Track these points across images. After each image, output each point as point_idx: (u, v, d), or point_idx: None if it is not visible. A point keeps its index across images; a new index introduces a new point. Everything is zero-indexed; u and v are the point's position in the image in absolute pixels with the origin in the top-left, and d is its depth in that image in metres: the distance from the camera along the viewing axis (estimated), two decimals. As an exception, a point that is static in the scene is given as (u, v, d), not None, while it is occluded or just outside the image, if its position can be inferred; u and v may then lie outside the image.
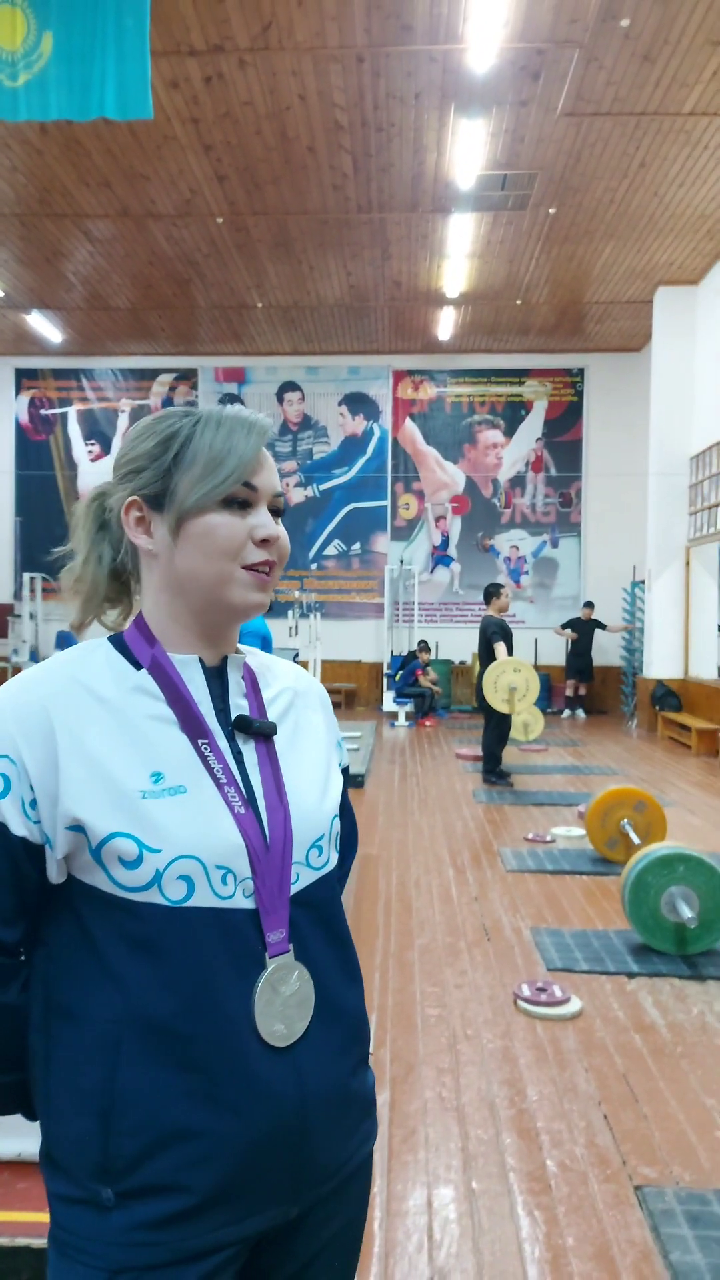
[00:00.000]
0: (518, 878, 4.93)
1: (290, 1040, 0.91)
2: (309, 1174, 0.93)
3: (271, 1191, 0.90)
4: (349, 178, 8.55)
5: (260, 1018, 0.89)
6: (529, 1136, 2.50)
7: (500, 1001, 3.35)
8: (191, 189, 8.74)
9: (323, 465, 14.11)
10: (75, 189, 8.74)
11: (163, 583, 0.98)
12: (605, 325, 12.65)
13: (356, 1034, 1.01)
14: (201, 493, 0.93)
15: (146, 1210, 0.86)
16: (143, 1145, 0.86)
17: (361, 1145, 1.01)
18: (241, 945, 0.90)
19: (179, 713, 0.94)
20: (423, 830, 6.00)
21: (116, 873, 0.87)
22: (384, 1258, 2.02)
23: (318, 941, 0.97)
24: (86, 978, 0.89)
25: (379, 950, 3.85)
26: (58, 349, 13.79)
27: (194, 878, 0.88)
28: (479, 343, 13.46)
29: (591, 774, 8.20)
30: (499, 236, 9.78)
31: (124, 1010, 0.87)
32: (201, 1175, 0.86)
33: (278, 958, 0.91)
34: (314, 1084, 0.92)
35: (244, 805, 0.93)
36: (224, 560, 0.94)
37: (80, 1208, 0.88)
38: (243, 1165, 0.88)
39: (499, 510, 13.95)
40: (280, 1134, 0.89)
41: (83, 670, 0.94)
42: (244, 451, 0.94)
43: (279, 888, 0.93)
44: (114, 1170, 0.86)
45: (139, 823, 0.87)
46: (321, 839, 0.99)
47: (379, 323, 12.61)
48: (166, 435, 0.96)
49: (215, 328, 12.84)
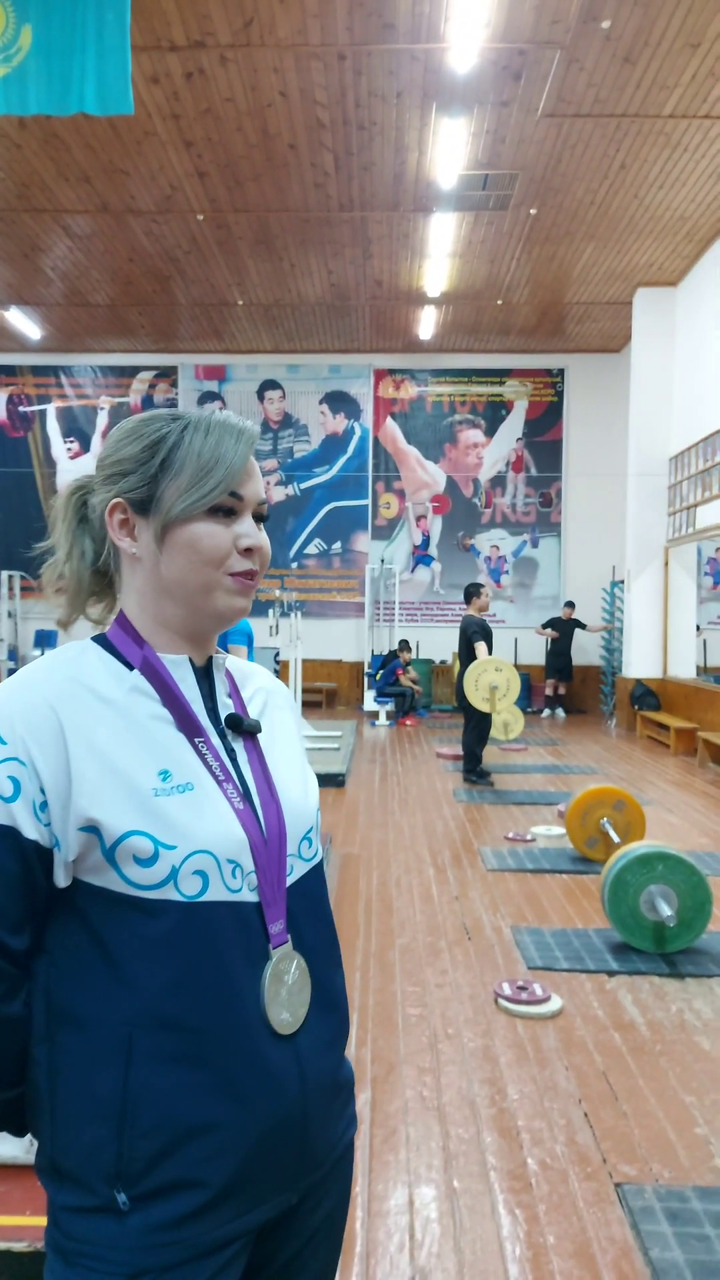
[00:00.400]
0: (498, 877, 4.94)
1: (294, 1028, 0.93)
2: (308, 1160, 0.95)
3: (278, 1179, 0.92)
4: (330, 176, 8.53)
5: (270, 1007, 0.91)
6: (510, 1135, 2.50)
7: (481, 1000, 3.35)
8: (172, 185, 8.70)
9: (303, 464, 14.09)
10: (54, 184, 8.67)
11: (146, 586, 0.98)
12: (585, 326, 12.70)
13: (345, 1021, 1.03)
14: (189, 502, 0.93)
15: (163, 1210, 0.86)
16: (159, 1145, 0.86)
17: (346, 1130, 1.03)
18: (249, 937, 0.92)
19: (175, 712, 0.95)
20: (403, 829, 6.01)
21: (130, 871, 0.87)
22: (365, 1257, 2.01)
23: (312, 931, 0.99)
24: (93, 982, 0.88)
25: (360, 950, 3.85)
26: (36, 345, 13.69)
27: (208, 872, 0.89)
28: (460, 342, 13.48)
29: (571, 773, 8.23)
30: (480, 236, 9.80)
31: (135, 1011, 0.87)
32: (217, 1168, 0.87)
33: (280, 948, 0.94)
34: (313, 1071, 0.94)
35: (242, 801, 0.95)
36: (209, 569, 0.94)
37: (94, 1216, 0.87)
38: (254, 1155, 0.89)
39: (479, 510, 13.98)
40: (286, 1122, 0.91)
41: (81, 671, 0.94)
42: (232, 460, 0.94)
43: (278, 879, 0.95)
44: (130, 1173, 0.86)
45: (154, 820, 0.88)
46: (310, 831, 1.02)
47: (360, 321, 12.61)
48: (154, 440, 0.95)
49: (196, 325, 12.79)
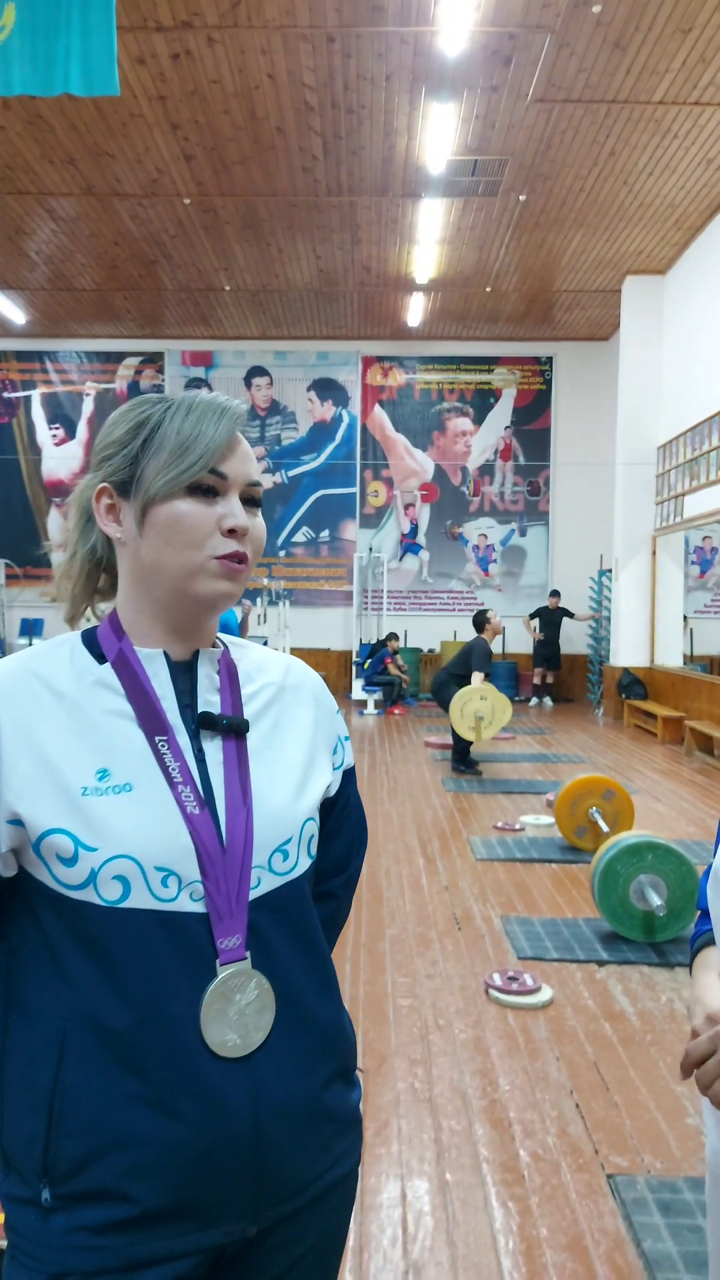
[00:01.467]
0: (487, 866, 4.94)
1: (246, 1050, 0.88)
2: (270, 1190, 0.90)
3: (225, 1206, 0.87)
4: (318, 160, 8.45)
5: (209, 1027, 0.86)
6: (501, 1127, 2.50)
7: (472, 991, 3.35)
8: (158, 168, 8.60)
9: (291, 451, 14.02)
10: (38, 165, 8.56)
11: (131, 573, 0.95)
12: (574, 314, 12.67)
13: (330, 1045, 0.97)
14: (166, 479, 0.90)
15: (87, 1214, 0.84)
16: (85, 1149, 0.83)
17: (338, 1164, 0.97)
18: (189, 950, 0.87)
19: (138, 708, 0.91)
20: (392, 819, 6.00)
21: (56, 870, 0.85)
22: (359, 1251, 2.00)
23: (284, 949, 0.93)
24: (40, 974, 0.87)
25: (350, 941, 3.84)
26: (21, 330, 13.54)
27: (130, 878, 0.85)
28: (448, 329, 13.42)
29: (559, 762, 8.24)
30: (469, 223, 9.74)
31: (72, 1009, 0.85)
32: (144, 1185, 0.84)
33: (232, 965, 0.88)
34: (272, 1096, 0.89)
35: (199, 805, 0.89)
36: (190, 550, 0.90)
37: (26, 1208, 0.86)
38: (190, 1177, 0.85)
39: (468, 498, 13.96)
40: (231, 1146, 0.86)
41: (41, 663, 0.92)
42: (213, 437, 0.91)
43: (235, 892, 0.89)
44: (56, 1172, 0.84)
45: (77, 820, 0.85)
46: (289, 842, 0.95)
47: (348, 308, 12.53)
48: (137, 421, 0.93)
49: (182, 310, 12.68)
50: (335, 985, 1.00)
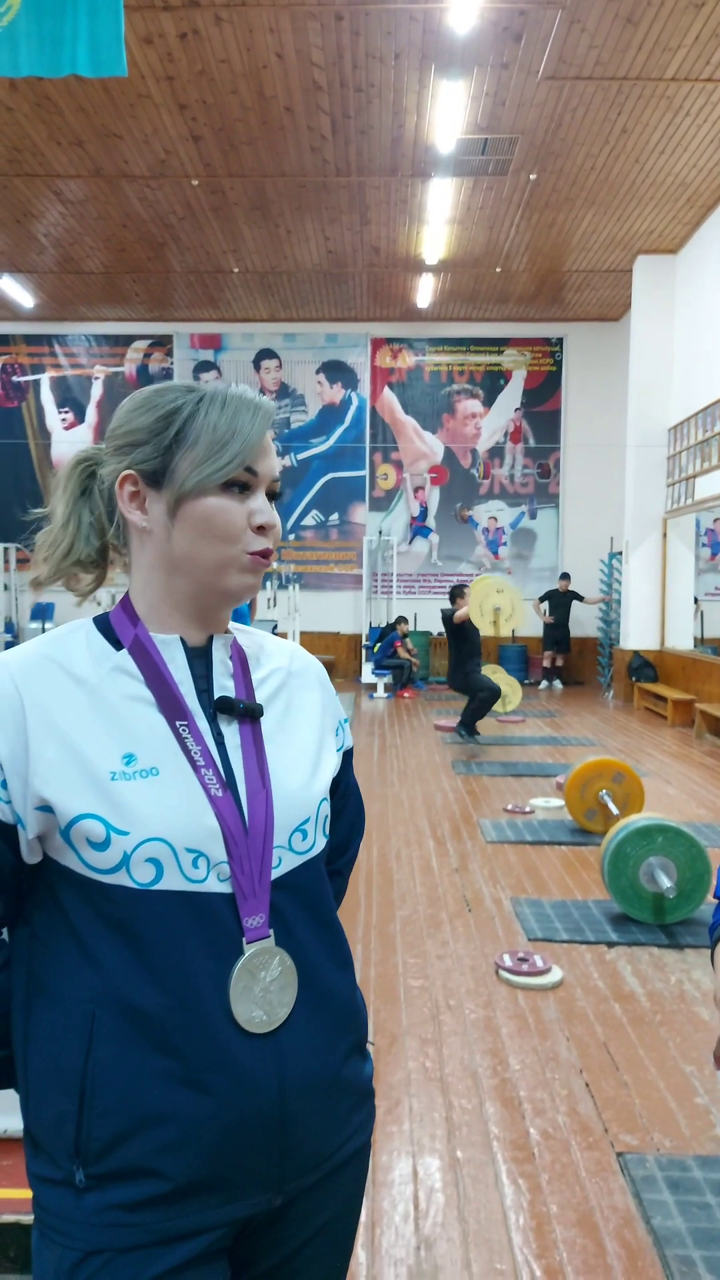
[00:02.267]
0: (497, 849, 4.96)
1: (271, 1026, 0.90)
2: (293, 1162, 0.92)
3: (252, 1178, 0.90)
4: (327, 139, 8.39)
5: (236, 1003, 0.88)
6: (512, 1105, 2.52)
7: (482, 972, 3.38)
8: (166, 149, 8.55)
9: (300, 434, 13.99)
10: (46, 147, 8.52)
11: (156, 561, 0.96)
12: (584, 294, 12.57)
13: (348, 1021, 0.99)
14: (204, 475, 0.91)
15: (120, 1192, 0.85)
16: (117, 1128, 0.85)
17: (354, 1135, 0.99)
18: (217, 930, 0.89)
19: (157, 693, 0.93)
20: (402, 802, 6.02)
21: (86, 854, 0.87)
22: (371, 1227, 2.03)
23: (303, 927, 0.96)
24: (65, 958, 0.89)
25: (361, 923, 3.87)
26: (30, 314, 13.52)
27: (162, 861, 0.86)
28: (458, 310, 13.34)
29: (569, 745, 8.25)
30: (479, 202, 9.66)
31: (100, 991, 0.87)
32: (176, 1160, 0.86)
33: (257, 943, 0.90)
34: (297, 1070, 0.91)
35: (221, 788, 0.91)
36: (224, 545, 0.92)
37: (57, 1188, 0.88)
38: (219, 1151, 0.87)
39: (478, 481, 13.91)
40: (259, 1120, 0.88)
41: (59, 650, 0.93)
42: (249, 435, 0.92)
43: (258, 872, 0.92)
44: (89, 1152, 0.86)
45: (108, 804, 0.86)
46: (306, 822, 0.98)
47: (357, 289, 12.46)
48: (169, 410, 0.93)
49: (191, 293, 12.64)
50: (350, 961, 1.03)
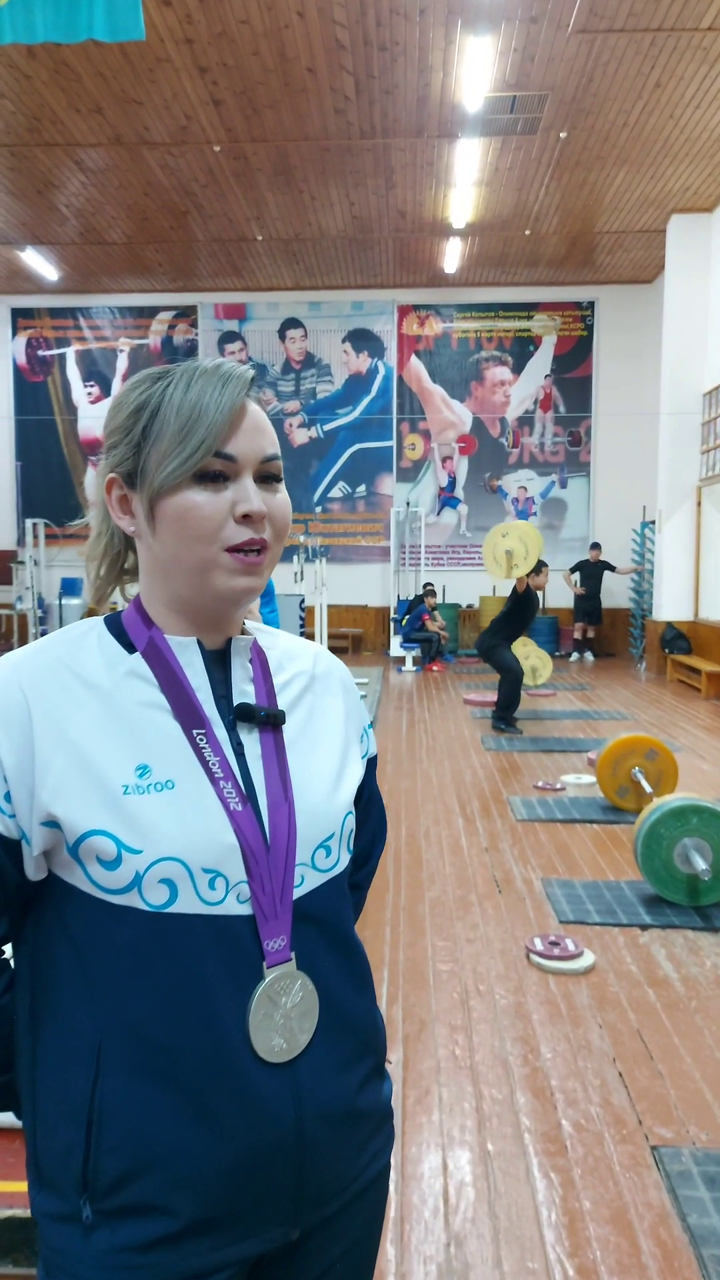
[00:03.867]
0: (528, 827, 4.90)
1: (291, 1055, 0.85)
2: (310, 1194, 0.87)
3: (269, 1213, 0.85)
4: (351, 101, 8.19)
5: (256, 1032, 0.82)
6: (543, 1096, 2.47)
7: (512, 956, 3.33)
8: (187, 114, 8.39)
9: (326, 405, 13.84)
10: (66, 115, 8.40)
11: (150, 567, 0.90)
12: (617, 256, 12.26)
13: (367, 1046, 0.94)
14: (170, 469, 0.83)
15: (130, 1232, 0.81)
16: (126, 1163, 0.80)
17: (372, 1162, 0.94)
18: (236, 954, 0.83)
19: (173, 700, 0.86)
20: (431, 779, 5.97)
21: (95, 873, 0.81)
22: (400, 1223, 2.00)
23: (324, 949, 0.90)
24: (70, 982, 0.83)
25: (389, 904, 3.83)
26: (54, 287, 13.44)
27: (177, 882, 0.80)
28: (486, 275, 13.08)
29: (601, 719, 8.15)
30: (507, 163, 9.41)
31: (108, 1019, 0.81)
32: (188, 1198, 0.80)
33: (277, 967, 0.84)
34: (314, 1100, 0.86)
35: (241, 802, 0.85)
36: (201, 544, 0.84)
37: (65, 1225, 0.83)
38: (234, 1188, 0.82)
39: (507, 450, 13.71)
40: (275, 1154, 0.83)
41: (71, 653, 0.87)
42: (215, 415, 0.83)
43: (280, 892, 0.85)
44: (97, 1187, 0.81)
45: (119, 820, 0.80)
46: (331, 838, 0.91)
47: (383, 255, 12.24)
48: (136, 406, 0.87)
49: (214, 262, 12.49)
50: (371, 982, 0.97)
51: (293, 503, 12.56)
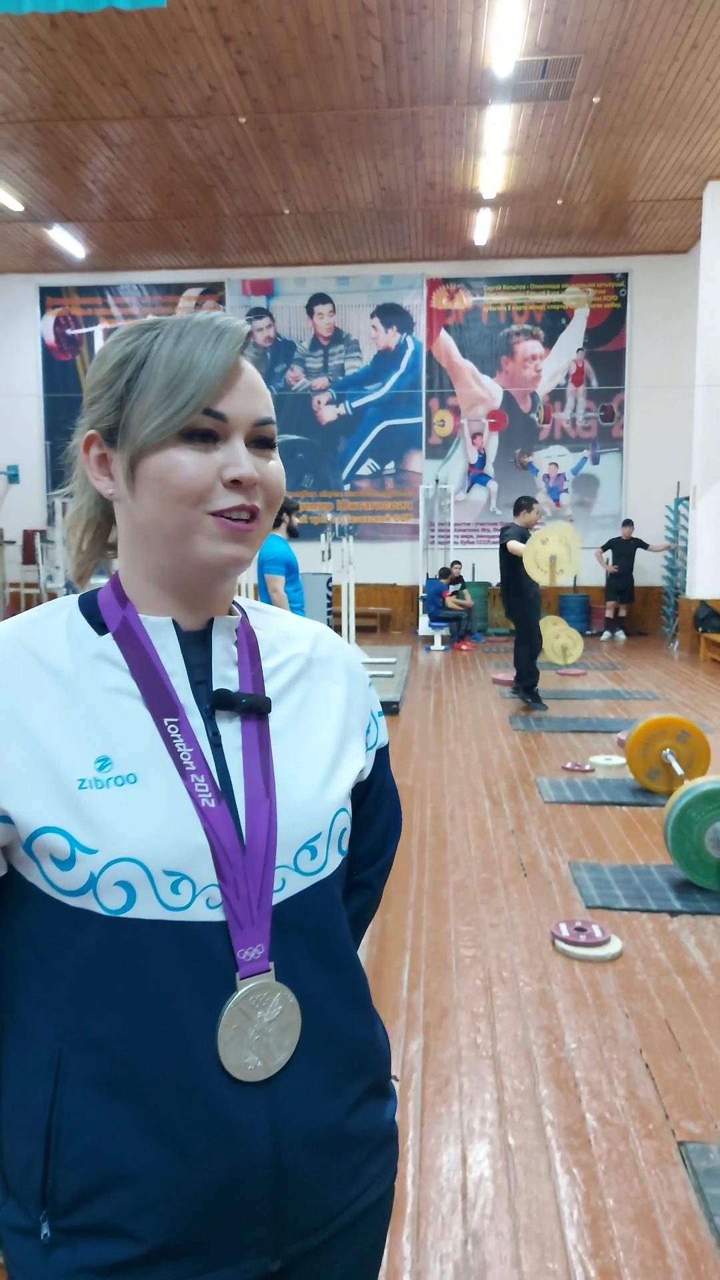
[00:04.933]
0: (556, 809, 4.82)
1: (268, 1074, 0.78)
2: (291, 1224, 0.80)
3: (243, 1243, 0.78)
4: (378, 68, 8.01)
5: (227, 1048, 0.75)
6: (567, 1088, 2.41)
7: (537, 942, 3.26)
8: (211, 85, 8.25)
9: (355, 381, 13.69)
10: (90, 88, 8.30)
11: (130, 533, 0.83)
12: (651, 225, 11.96)
13: (359, 1064, 0.86)
14: (155, 425, 0.76)
15: (90, 1253, 0.75)
16: (85, 1182, 0.74)
17: (367, 1189, 0.87)
18: (206, 964, 0.76)
19: (144, 685, 0.79)
20: (458, 759, 5.90)
21: (51, 873, 0.75)
22: (416, 1219, 1.95)
23: (308, 960, 0.82)
24: (33, 987, 0.77)
25: (412, 887, 3.77)
26: (81, 265, 13.39)
27: (135, 884, 0.74)
28: (517, 247, 12.83)
29: (632, 699, 8.02)
30: (539, 130, 9.18)
31: (68, 1028, 0.75)
32: (149, 1222, 0.74)
33: (253, 978, 0.77)
34: (294, 1123, 0.79)
35: (215, 798, 0.78)
36: (185, 507, 0.77)
37: (25, 1239, 0.78)
38: (202, 1214, 0.75)
39: (538, 426, 13.49)
40: (248, 1180, 0.76)
41: (34, 635, 0.80)
42: (207, 370, 0.76)
43: (257, 897, 0.78)
44: (56, 1204, 0.75)
45: (74, 817, 0.74)
46: (317, 839, 0.83)
47: (412, 227, 12.04)
48: (122, 357, 0.80)
49: (241, 237, 12.35)
50: (367, 996, 0.90)
51: (321, 481, 12.47)
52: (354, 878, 1.00)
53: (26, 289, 13.96)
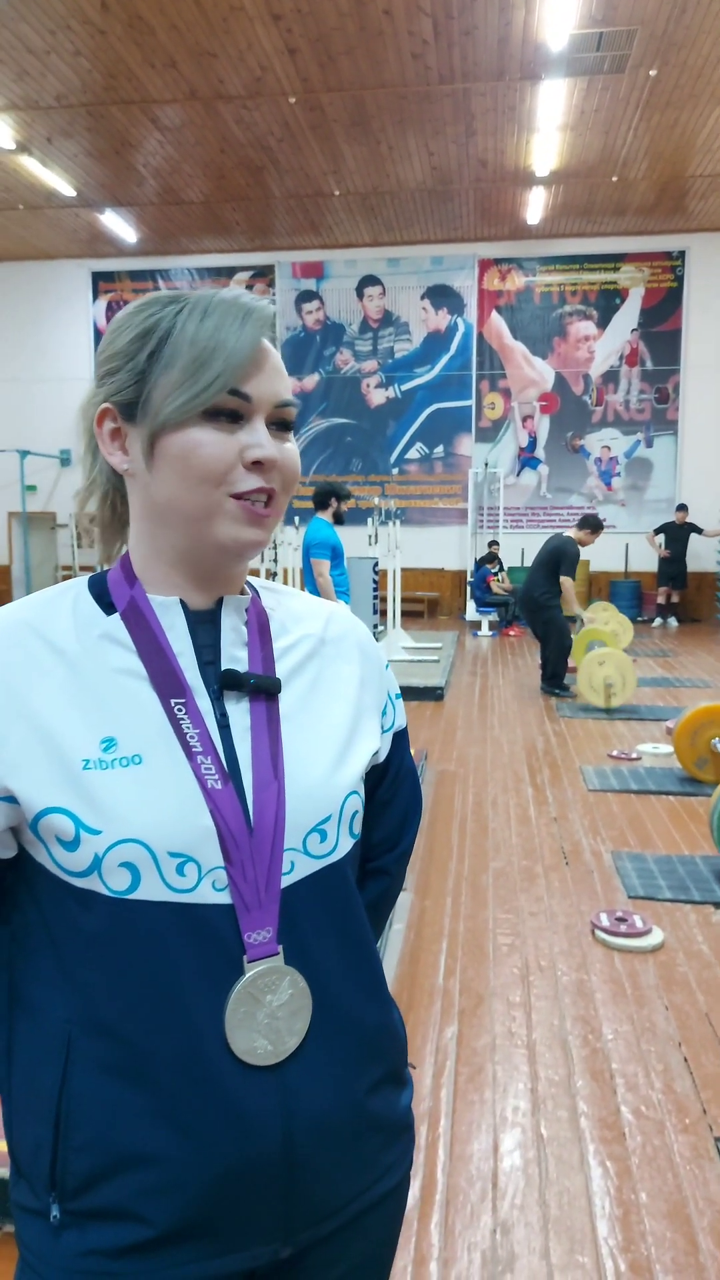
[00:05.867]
0: (600, 797, 4.75)
1: (278, 1058, 0.77)
2: (303, 1210, 0.79)
3: (253, 1229, 0.77)
4: (429, 44, 7.89)
5: (235, 1032, 0.75)
6: (603, 1079, 2.38)
7: (577, 931, 3.22)
8: (261, 65, 8.21)
9: (404, 364, 13.59)
10: (141, 71, 8.31)
11: (143, 510, 0.82)
12: (710, 201, 11.65)
13: (374, 1050, 0.85)
14: (179, 403, 0.75)
15: (100, 1236, 0.75)
16: (94, 1165, 0.74)
17: (384, 1176, 0.86)
18: (212, 947, 0.75)
19: (151, 666, 0.78)
20: (502, 745, 5.85)
21: (57, 854, 0.74)
22: (445, 1206, 1.94)
23: (321, 942, 0.81)
24: (43, 968, 0.77)
25: (452, 873, 3.75)
26: (133, 249, 13.46)
27: (139, 866, 0.73)
28: (571, 226, 12.60)
29: (682, 686, 7.88)
30: (593, 105, 8.98)
31: (76, 1009, 0.75)
32: (160, 1206, 0.74)
33: (261, 961, 0.76)
34: (307, 1108, 0.78)
35: (222, 779, 0.77)
36: (206, 487, 0.76)
37: (35, 1221, 0.78)
38: (211, 1198, 0.75)
39: (590, 408, 13.27)
40: (259, 1165, 0.75)
41: (41, 615, 0.80)
42: (234, 349, 0.75)
43: (265, 880, 0.77)
44: (65, 1187, 0.76)
45: (78, 798, 0.73)
46: (326, 821, 0.82)
47: (463, 207, 11.88)
48: (145, 328, 0.78)
49: (292, 219, 12.31)
50: (382, 980, 0.88)
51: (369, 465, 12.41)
52: (371, 864, 0.98)
53: (79, 274, 14.09)
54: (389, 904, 1.03)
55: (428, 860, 3.87)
